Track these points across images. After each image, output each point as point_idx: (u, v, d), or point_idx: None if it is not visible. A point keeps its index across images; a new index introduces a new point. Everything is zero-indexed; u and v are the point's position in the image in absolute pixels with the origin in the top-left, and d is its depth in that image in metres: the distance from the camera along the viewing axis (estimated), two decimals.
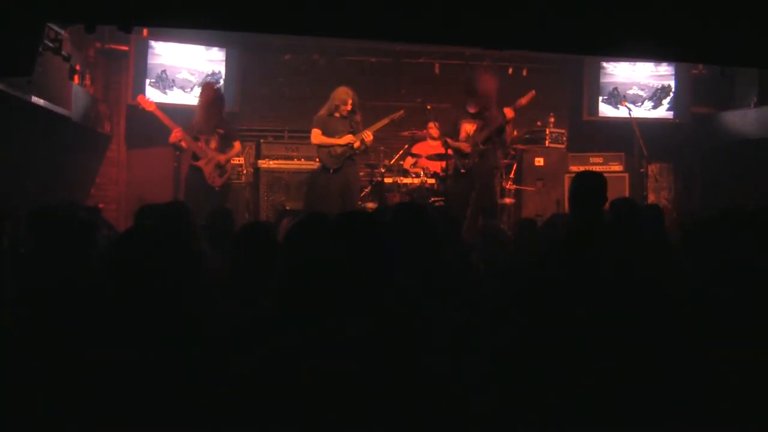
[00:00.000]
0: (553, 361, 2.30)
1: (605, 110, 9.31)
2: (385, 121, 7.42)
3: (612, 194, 3.98)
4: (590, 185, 3.90)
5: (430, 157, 7.82)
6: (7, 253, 4.00)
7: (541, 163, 8.71)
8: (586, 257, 2.56)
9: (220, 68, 8.66)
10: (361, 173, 7.65)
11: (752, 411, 2.18)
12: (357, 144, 7.21)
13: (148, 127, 7.80)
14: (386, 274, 2.68)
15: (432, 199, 7.49)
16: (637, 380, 2.21)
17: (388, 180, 7.96)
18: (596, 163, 9.02)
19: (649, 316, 2.35)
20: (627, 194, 8.61)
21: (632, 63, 9.27)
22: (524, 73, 9.22)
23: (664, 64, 9.24)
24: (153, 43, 8.32)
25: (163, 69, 8.35)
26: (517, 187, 8.52)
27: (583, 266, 2.53)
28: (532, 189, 8.60)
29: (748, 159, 8.33)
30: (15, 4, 4.28)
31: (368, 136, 7.21)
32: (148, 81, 8.24)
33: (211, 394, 2.22)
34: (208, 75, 8.55)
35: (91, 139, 8.11)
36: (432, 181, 7.68)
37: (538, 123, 8.96)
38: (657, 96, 9.35)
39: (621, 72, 9.34)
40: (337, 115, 7.25)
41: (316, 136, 7.24)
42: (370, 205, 7.57)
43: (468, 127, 7.09)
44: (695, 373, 2.24)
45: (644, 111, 9.26)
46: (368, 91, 8.40)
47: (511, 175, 8.49)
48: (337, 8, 4.36)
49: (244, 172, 8.34)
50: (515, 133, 8.67)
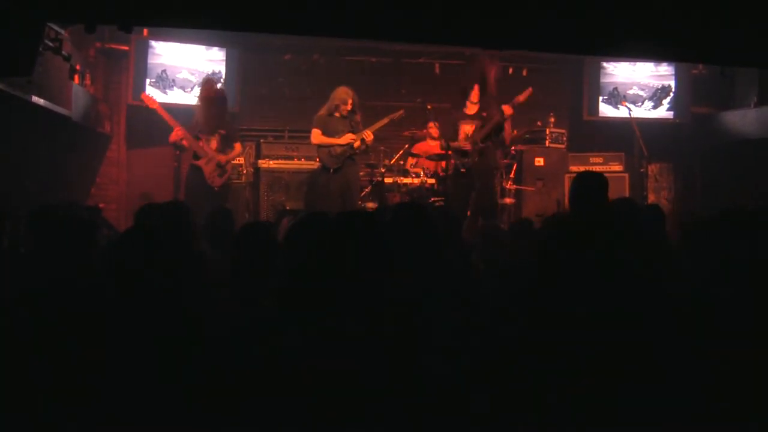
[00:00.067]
0: (553, 361, 2.30)
1: (605, 110, 9.32)
2: (385, 120, 7.42)
3: (612, 194, 3.98)
4: (591, 185, 3.90)
5: (430, 157, 7.83)
6: (7, 253, 4.00)
7: (542, 163, 8.71)
8: (586, 257, 2.55)
9: (221, 68, 8.66)
10: (361, 173, 7.65)
11: (752, 411, 2.18)
12: (357, 144, 7.21)
13: (149, 126, 7.81)
14: (386, 274, 2.68)
15: (432, 199, 7.50)
16: (637, 380, 2.21)
17: (388, 180, 7.96)
18: (596, 163, 9.02)
19: (649, 316, 2.34)
20: (627, 194, 8.62)
21: (632, 63, 9.27)
22: (524, 73, 9.23)
23: (664, 64, 9.25)
24: (153, 42, 8.32)
25: (163, 69, 8.35)
26: (518, 187, 8.53)
27: (583, 266, 2.53)
28: (533, 189, 8.60)
29: (748, 159, 8.32)
30: (15, 3, 4.28)
31: (368, 135, 7.20)
32: (148, 81, 8.24)
33: (211, 394, 2.22)
34: (208, 74, 8.55)
35: (92, 138, 8.11)
36: (432, 181, 7.69)
37: (539, 123, 8.97)
38: (657, 96, 9.35)
39: (621, 72, 9.34)
40: (337, 114, 7.25)
41: (316, 135, 7.25)
42: (370, 205, 7.57)
43: (467, 128, 7.12)
44: (695, 373, 2.24)
45: (644, 111, 9.26)
46: (368, 91, 8.40)
47: (512, 175, 8.50)
48: (337, 8, 4.36)
49: (244, 171, 8.34)
50: (515, 132, 8.68)
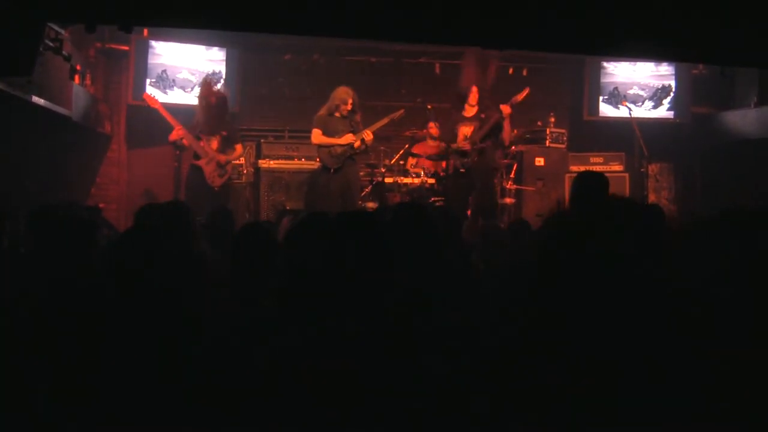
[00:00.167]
0: (553, 361, 2.30)
1: (606, 110, 9.32)
2: (385, 120, 7.43)
3: (612, 194, 3.97)
4: (591, 185, 3.90)
5: (429, 157, 7.83)
6: (7, 253, 4.00)
7: (542, 163, 8.72)
8: (586, 257, 2.55)
9: (221, 68, 8.67)
10: (362, 173, 7.66)
11: (752, 411, 2.18)
12: (357, 144, 7.21)
13: (149, 126, 7.82)
14: (386, 274, 2.68)
15: (432, 199, 7.50)
16: (637, 380, 2.21)
17: (388, 180, 7.97)
18: (596, 163, 9.02)
19: (649, 316, 2.34)
20: (627, 194, 8.62)
21: (632, 63, 9.28)
22: (524, 73, 9.24)
23: (665, 64, 9.25)
24: (153, 42, 8.33)
25: (163, 69, 8.36)
26: (518, 187, 8.53)
27: (583, 266, 2.53)
28: (533, 189, 8.60)
29: (748, 159, 8.33)
30: (15, 3, 4.28)
31: (368, 135, 7.20)
32: (148, 81, 8.25)
33: (211, 394, 2.22)
34: (208, 74, 8.55)
35: (92, 138, 8.11)
36: (432, 181, 7.69)
37: (539, 123, 8.97)
38: (657, 96, 9.35)
39: (621, 72, 9.35)
40: (337, 114, 7.25)
41: (317, 135, 7.25)
42: (371, 205, 7.58)
43: (465, 130, 7.16)
44: (695, 373, 2.24)
45: (644, 111, 9.27)
46: (368, 91, 8.40)
47: (512, 175, 8.50)
48: (337, 8, 4.36)
49: (245, 171, 8.35)
50: (515, 132, 8.68)
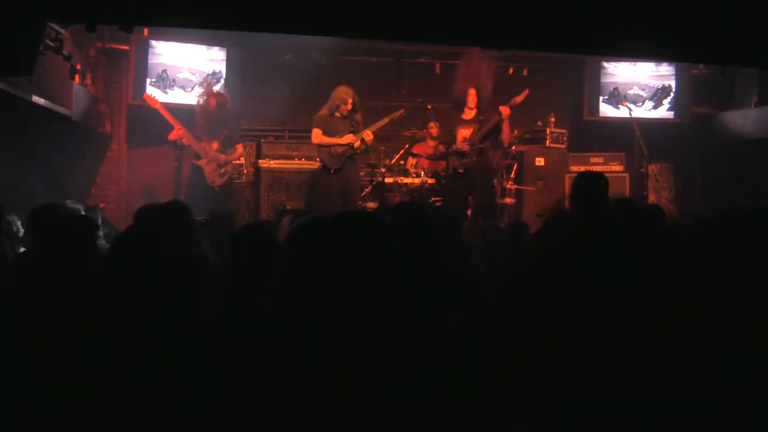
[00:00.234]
0: (553, 361, 2.30)
1: (606, 110, 9.32)
2: (385, 120, 7.42)
3: (612, 194, 3.98)
4: (591, 185, 3.90)
5: (430, 157, 7.84)
6: (7, 252, 4.00)
7: (542, 163, 8.71)
8: (586, 257, 2.55)
9: (221, 68, 8.66)
10: (362, 173, 7.66)
11: (752, 411, 2.18)
12: (357, 143, 7.20)
13: (149, 126, 7.81)
14: (386, 274, 2.68)
15: (432, 199, 7.50)
16: (637, 380, 2.21)
17: (388, 180, 7.97)
18: (597, 163, 9.02)
19: (648, 316, 2.34)
20: (627, 194, 8.62)
21: (633, 63, 9.27)
22: (524, 73, 9.24)
23: (665, 64, 9.24)
24: (153, 42, 8.32)
25: (163, 68, 8.35)
26: (518, 187, 8.53)
27: (583, 266, 2.53)
28: (533, 189, 8.60)
29: (748, 159, 8.32)
30: (15, 3, 4.28)
31: (368, 135, 7.20)
32: (148, 80, 8.24)
33: (210, 394, 2.22)
34: (209, 75, 8.55)
35: (92, 138, 8.11)
36: (432, 180, 7.70)
37: (539, 123, 8.97)
38: (657, 96, 9.35)
39: (621, 72, 9.34)
40: (337, 114, 7.25)
41: (317, 135, 7.24)
42: (371, 205, 7.58)
43: (464, 132, 7.19)
44: (695, 373, 2.24)
45: (645, 111, 9.26)
46: (369, 91, 8.39)
47: (512, 175, 8.50)
48: (337, 8, 4.36)
49: (245, 171, 8.34)
50: (515, 132, 8.68)
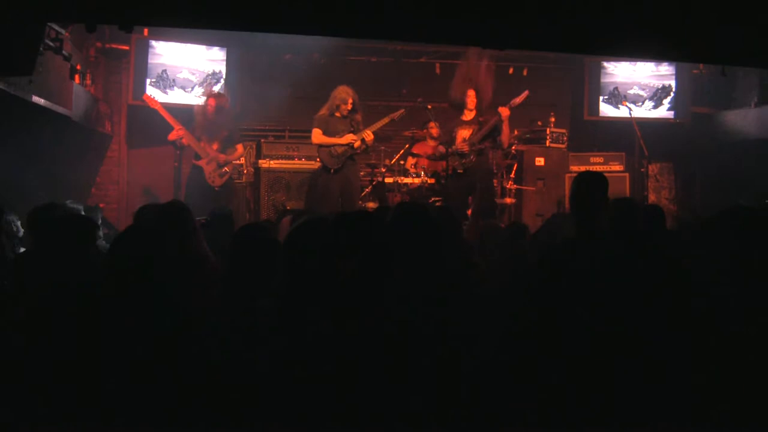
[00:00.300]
0: (553, 361, 2.30)
1: (606, 110, 9.32)
2: (386, 120, 7.42)
3: (612, 194, 3.98)
4: (591, 185, 3.90)
5: (430, 157, 7.84)
6: (7, 252, 4.01)
7: (542, 163, 8.72)
8: (587, 257, 2.56)
9: (221, 68, 8.67)
10: (362, 173, 7.66)
11: (752, 411, 2.18)
12: (357, 143, 7.20)
13: (149, 126, 7.82)
14: (386, 274, 2.68)
15: (432, 199, 7.51)
16: (637, 380, 2.21)
17: (388, 180, 7.97)
18: (597, 163, 9.03)
19: (649, 316, 2.35)
20: (627, 194, 8.63)
21: (633, 63, 9.28)
22: (524, 73, 9.26)
23: (665, 64, 9.25)
24: (153, 42, 8.33)
25: (163, 68, 8.36)
26: (518, 186, 8.53)
27: (584, 266, 2.53)
28: (533, 189, 8.60)
29: (748, 159, 8.32)
30: (15, 3, 4.28)
31: (369, 135, 7.20)
32: (148, 80, 8.25)
33: (210, 394, 2.22)
34: (208, 75, 8.56)
35: (92, 138, 8.12)
36: (432, 180, 7.71)
37: (539, 123, 8.97)
38: (657, 96, 9.35)
39: (621, 72, 9.35)
40: (337, 114, 7.25)
41: (317, 135, 7.24)
42: (371, 205, 7.58)
43: (464, 133, 7.20)
44: (695, 373, 2.24)
45: (645, 111, 9.27)
46: (369, 91, 8.41)
47: (512, 175, 8.50)
48: (337, 8, 4.36)
49: (245, 171, 8.35)
50: (516, 132, 8.69)
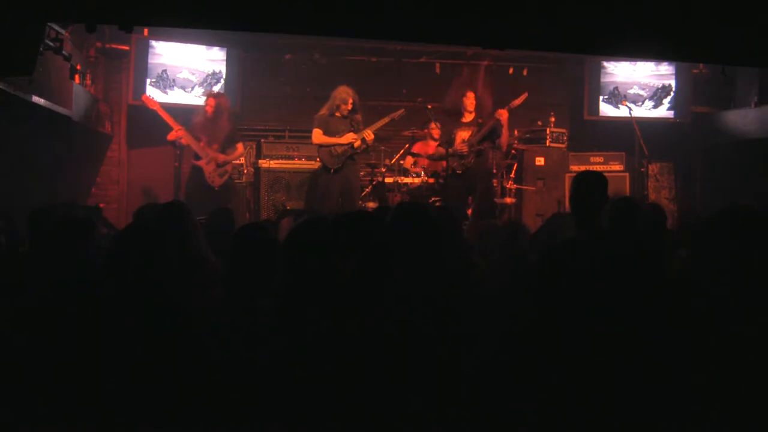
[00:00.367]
0: (553, 361, 2.30)
1: (606, 110, 9.32)
2: (386, 120, 7.43)
3: (612, 194, 3.98)
4: (591, 185, 3.90)
5: (430, 157, 7.84)
6: (7, 253, 4.01)
7: (542, 163, 8.71)
8: (587, 257, 2.56)
9: (221, 68, 8.66)
10: (362, 173, 7.66)
11: (752, 411, 2.18)
12: (358, 143, 7.20)
13: (149, 126, 7.82)
14: (387, 273, 2.68)
15: (432, 199, 7.51)
16: (637, 380, 2.21)
17: (388, 180, 7.97)
18: (597, 163, 9.03)
19: (650, 316, 2.34)
20: (627, 194, 8.62)
21: (633, 63, 9.28)
22: (524, 73, 9.26)
23: (665, 63, 9.25)
24: (153, 42, 8.32)
25: (163, 68, 8.35)
26: (518, 186, 8.53)
27: (584, 266, 2.53)
28: (533, 189, 8.60)
29: (748, 159, 8.32)
30: (15, 3, 4.28)
31: (369, 135, 7.20)
32: (148, 80, 8.25)
33: (209, 394, 2.22)
34: (208, 75, 8.56)
35: (92, 138, 8.11)
36: (432, 180, 7.71)
37: (539, 123, 8.97)
38: (657, 95, 9.35)
39: (622, 72, 9.35)
40: (337, 114, 7.25)
41: (317, 135, 7.24)
42: (371, 204, 7.58)
43: (463, 134, 7.23)
44: (695, 373, 2.24)
45: (645, 110, 9.27)
46: (369, 91, 8.40)
47: (512, 175, 8.50)
48: (337, 8, 4.36)
49: (245, 171, 8.35)
50: (516, 132, 8.69)
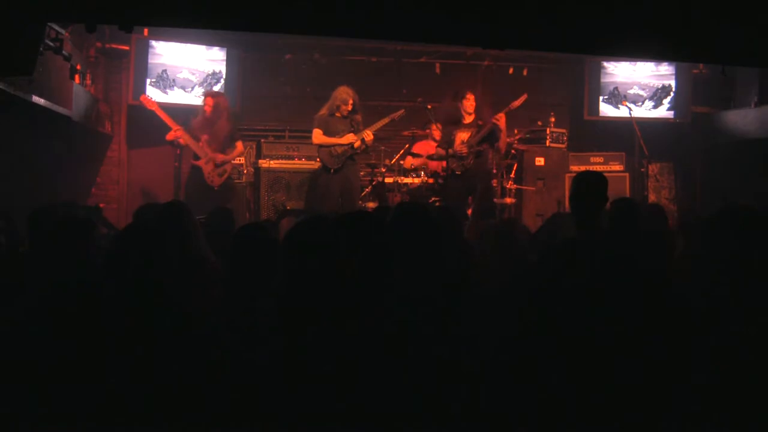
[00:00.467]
0: (553, 361, 2.30)
1: (606, 110, 9.32)
2: (386, 120, 7.43)
3: (612, 194, 3.98)
4: (591, 185, 3.90)
5: (430, 157, 7.85)
6: (7, 253, 4.01)
7: (542, 163, 8.71)
8: (587, 257, 2.56)
9: (221, 68, 8.66)
10: (362, 173, 7.66)
11: (752, 411, 2.18)
12: (357, 144, 7.20)
13: (149, 126, 7.82)
14: (387, 274, 2.68)
15: (432, 199, 7.51)
16: (637, 380, 2.21)
17: (388, 180, 7.97)
18: (597, 163, 9.03)
19: (650, 316, 2.34)
20: (627, 194, 8.63)
21: (633, 63, 9.28)
22: (524, 73, 9.26)
23: (665, 63, 9.25)
24: (153, 42, 8.32)
25: (163, 68, 8.35)
26: (518, 186, 8.53)
27: (584, 266, 2.53)
28: (533, 189, 8.60)
29: (748, 159, 8.32)
30: (15, 3, 4.28)
31: (369, 135, 7.21)
32: (148, 80, 8.25)
33: (209, 394, 2.22)
34: (208, 75, 8.56)
35: (92, 138, 8.12)
36: (431, 180, 7.72)
37: (539, 123, 8.97)
38: (657, 96, 9.35)
39: (621, 72, 9.35)
40: (338, 114, 7.25)
41: (317, 135, 7.24)
42: (371, 205, 7.58)
43: (462, 136, 7.25)
44: (695, 373, 2.24)
45: (645, 111, 9.27)
46: (369, 91, 8.41)
47: (512, 175, 8.50)
48: (337, 8, 4.36)
49: (245, 171, 8.35)
50: (516, 131, 8.69)
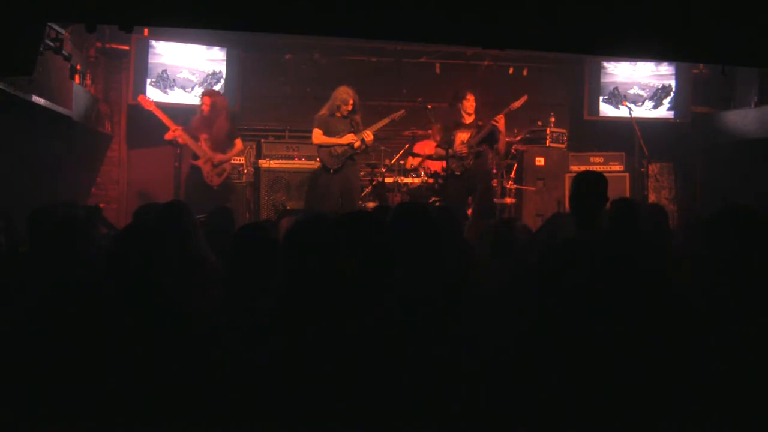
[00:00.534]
0: (553, 361, 2.30)
1: (606, 110, 9.32)
2: (386, 120, 7.43)
3: (612, 194, 3.98)
4: (591, 185, 3.90)
5: (430, 157, 7.85)
6: (7, 253, 4.01)
7: (542, 163, 8.71)
8: (587, 257, 2.56)
9: (221, 68, 8.67)
10: (362, 173, 7.66)
11: (752, 411, 2.18)
12: (357, 144, 7.21)
13: (149, 126, 7.82)
14: (387, 274, 2.68)
15: (432, 199, 7.52)
16: (637, 380, 2.21)
17: (388, 180, 7.98)
18: (597, 163, 9.03)
19: (650, 316, 2.35)
20: (627, 194, 8.63)
21: (633, 63, 9.28)
22: (524, 73, 9.26)
23: (665, 63, 9.25)
24: (154, 42, 8.33)
25: (163, 68, 8.36)
26: (518, 186, 8.53)
27: (584, 266, 2.53)
28: (533, 189, 8.60)
29: (748, 159, 8.32)
30: (15, 3, 4.28)
31: (369, 135, 7.21)
32: (148, 80, 8.25)
33: (208, 394, 2.22)
34: (208, 75, 8.56)
35: (92, 138, 8.12)
36: (431, 180, 7.72)
37: (539, 123, 8.97)
38: (658, 96, 9.35)
39: (622, 72, 9.35)
40: (338, 114, 7.25)
41: (317, 135, 7.24)
42: (371, 205, 7.58)
43: (462, 136, 7.27)
44: (696, 372, 2.24)
45: (645, 111, 9.27)
46: (369, 91, 8.41)
47: (512, 175, 8.50)
48: (337, 8, 4.36)
49: (245, 171, 8.35)
50: (516, 131, 8.69)
